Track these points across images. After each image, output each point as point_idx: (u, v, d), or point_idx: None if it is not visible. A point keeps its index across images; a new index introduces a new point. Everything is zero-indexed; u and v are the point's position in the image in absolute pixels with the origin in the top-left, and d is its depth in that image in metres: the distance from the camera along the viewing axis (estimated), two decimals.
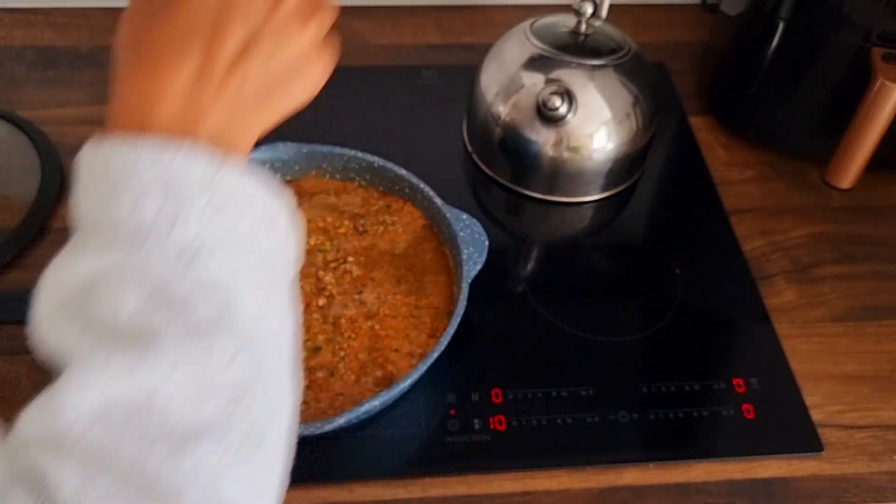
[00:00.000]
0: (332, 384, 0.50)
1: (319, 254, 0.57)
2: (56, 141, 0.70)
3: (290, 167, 0.62)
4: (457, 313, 0.50)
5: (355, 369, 0.51)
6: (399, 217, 0.60)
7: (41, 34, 0.82)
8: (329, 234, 0.59)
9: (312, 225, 0.59)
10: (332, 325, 0.53)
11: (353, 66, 0.81)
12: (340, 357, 0.52)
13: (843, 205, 0.70)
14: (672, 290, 0.61)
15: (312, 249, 0.57)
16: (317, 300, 0.54)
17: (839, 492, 0.51)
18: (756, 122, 0.73)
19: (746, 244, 0.66)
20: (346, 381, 0.50)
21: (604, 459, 0.51)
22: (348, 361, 0.51)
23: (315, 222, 0.59)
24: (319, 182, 0.62)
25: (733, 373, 0.56)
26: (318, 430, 0.45)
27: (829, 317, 0.61)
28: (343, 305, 0.54)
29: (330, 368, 0.51)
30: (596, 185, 0.67)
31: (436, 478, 0.50)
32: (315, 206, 0.61)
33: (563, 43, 0.65)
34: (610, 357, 0.57)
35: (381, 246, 0.58)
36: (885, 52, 0.60)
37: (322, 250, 0.58)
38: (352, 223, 0.60)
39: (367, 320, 0.53)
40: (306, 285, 0.55)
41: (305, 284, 0.55)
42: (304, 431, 0.45)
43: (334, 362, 0.51)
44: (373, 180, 0.62)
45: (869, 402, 0.56)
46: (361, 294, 0.55)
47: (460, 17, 0.89)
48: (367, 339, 0.52)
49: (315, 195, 0.62)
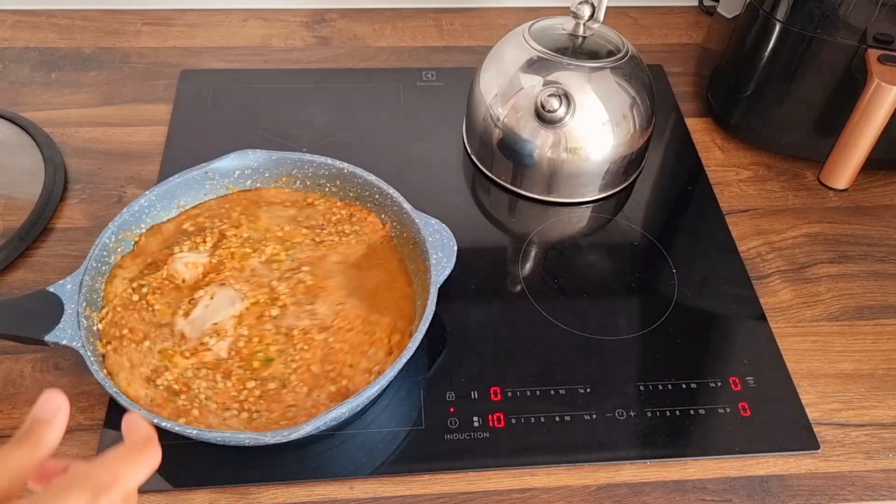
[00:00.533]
0: (284, 396, 0.50)
1: (274, 263, 0.57)
2: (59, 142, 0.71)
3: (260, 174, 0.62)
4: (426, 318, 0.50)
5: (308, 381, 0.50)
6: (360, 227, 0.60)
7: (44, 35, 0.82)
8: (285, 244, 0.58)
9: (270, 234, 0.59)
10: (284, 335, 0.53)
11: (354, 68, 0.82)
12: (293, 369, 0.51)
13: (838, 205, 0.71)
14: (669, 290, 0.62)
15: (268, 259, 0.57)
16: (269, 310, 0.54)
17: (835, 489, 0.52)
18: (752, 124, 0.74)
19: (743, 244, 0.66)
20: (299, 393, 0.50)
21: (602, 457, 0.52)
22: (300, 374, 0.51)
23: (273, 231, 0.59)
24: (281, 192, 0.62)
25: (730, 371, 0.57)
26: (284, 437, 0.45)
27: (825, 316, 0.62)
28: (296, 316, 0.54)
29: (282, 380, 0.50)
30: (594, 185, 0.68)
31: (435, 475, 0.51)
32: (274, 215, 0.60)
33: (561, 45, 0.65)
34: (607, 355, 0.57)
35: (336, 257, 0.58)
36: (880, 54, 0.61)
37: (277, 260, 0.57)
38: (310, 233, 0.59)
39: (320, 332, 0.53)
40: (260, 295, 0.55)
41: (259, 294, 0.55)
42: (271, 440, 0.45)
43: (286, 374, 0.51)
44: (343, 186, 0.61)
45: (864, 401, 0.56)
46: (314, 305, 0.54)
47: (460, 19, 0.89)
48: (319, 351, 0.52)
49: (275, 205, 0.61)
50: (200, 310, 0.53)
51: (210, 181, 0.61)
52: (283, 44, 0.84)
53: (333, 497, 0.50)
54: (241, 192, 0.62)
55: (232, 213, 0.60)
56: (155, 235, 0.59)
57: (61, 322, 0.49)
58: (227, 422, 0.48)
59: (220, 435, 0.46)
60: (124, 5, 0.86)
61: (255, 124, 0.73)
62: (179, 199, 0.60)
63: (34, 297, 0.51)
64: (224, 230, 0.59)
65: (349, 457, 0.51)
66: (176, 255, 0.57)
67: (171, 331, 0.53)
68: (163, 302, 0.54)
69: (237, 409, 0.49)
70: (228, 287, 0.55)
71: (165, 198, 0.59)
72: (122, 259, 0.57)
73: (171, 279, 0.56)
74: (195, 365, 0.51)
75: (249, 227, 0.59)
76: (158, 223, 0.59)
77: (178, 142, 0.71)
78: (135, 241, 0.58)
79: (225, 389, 0.50)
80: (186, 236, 0.58)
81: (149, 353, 0.51)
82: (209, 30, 0.85)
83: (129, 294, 0.55)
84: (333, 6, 0.89)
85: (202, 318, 0.53)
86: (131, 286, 0.55)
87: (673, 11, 0.92)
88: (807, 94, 0.69)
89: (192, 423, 0.48)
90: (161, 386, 0.50)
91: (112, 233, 0.55)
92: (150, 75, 0.79)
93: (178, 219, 0.60)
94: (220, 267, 0.56)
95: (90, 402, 0.53)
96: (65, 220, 0.65)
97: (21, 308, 0.50)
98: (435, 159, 0.72)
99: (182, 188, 0.60)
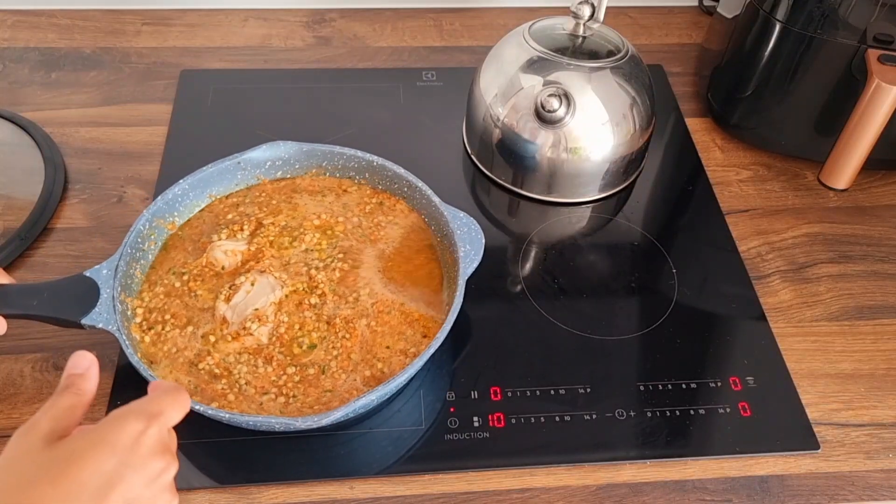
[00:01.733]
0: (322, 381, 0.51)
1: (313, 252, 0.58)
2: (59, 142, 0.71)
3: (291, 165, 0.63)
4: (453, 310, 0.51)
5: (346, 368, 0.52)
6: (392, 216, 0.61)
7: (45, 35, 0.82)
8: (323, 233, 0.59)
9: (307, 223, 0.60)
10: (325, 323, 0.54)
11: (354, 68, 0.82)
12: (333, 356, 0.52)
13: (838, 205, 0.71)
14: (669, 290, 0.62)
15: (307, 249, 0.58)
16: (309, 298, 0.55)
17: (835, 489, 0.52)
18: (752, 124, 0.74)
19: (742, 244, 0.66)
20: (337, 378, 0.51)
21: (602, 457, 0.52)
22: (341, 360, 0.52)
23: (310, 220, 0.60)
24: (316, 181, 0.63)
25: (730, 371, 0.57)
26: (315, 423, 0.46)
27: (825, 316, 0.62)
28: (335, 304, 0.55)
29: (322, 366, 0.52)
30: (594, 185, 0.68)
31: (436, 474, 0.51)
32: (312, 203, 0.61)
33: (561, 45, 0.65)
34: (607, 355, 0.57)
35: (371, 245, 0.59)
36: (880, 54, 0.61)
37: (315, 249, 0.58)
38: (345, 221, 0.60)
39: (360, 318, 0.54)
40: (299, 283, 0.55)
41: (298, 283, 0.56)
42: (302, 425, 0.46)
43: (327, 360, 0.52)
44: (371, 179, 0.62)
45: (864, 401, 0.56)
46: (352, 292, 0.56)
47: (460, 20, 0.89)
48: (360, 338, 0.53)
49: (313, 193, 0.62)
50: (241, 295, 0.54)
51: (242, 171, 0.62)
52: (283, 44, 0.84)
53: (333, 497, 0.50)
54: (274, 181, 0.63)
55: (271, 202, 0.61)
56: (192, 224, 0.60)
57: (97, 306, 0.50)
58: (263, 406, 0.49)
59: (252, 419, 0.46)
60: (124, 5, 0.86)
61: (255, 124, 0.73)
62: (212, 188, 0.61)
63: (73, 280, 0.51)
64: (261, 218, 0.60)
65: (350, 457, 0.51)
66: (215, 243, 0.57)
67: (212, 315, 0.54)
68: (204, 288, 0.55)
69: (275, 393, 0.50)
70: (268, 275, 0.55)
71: (198, 187, 0.60)
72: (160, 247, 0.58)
73: (210, 266, 0.56)
74: (237, 350, 0.52)
75: (289, 214, 0.60)
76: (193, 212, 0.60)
77: (178, 142, 0.71)
78: (170, 229, 0.59)
79: (265, 374, 0.51)
80: (224, 225, 0.59)
81: (192, 337, 0.52)
82: (209, 30, 0.85)
83: (172, 280, 0.56)
84: (333, 6, 0.89)
85: (243, 304, 0.54)
86: (173, 273, 0.56)
87: (673, 11, 0.92)
88: (807, 94, 0.69)
89: (225, 407, 0.49)
90: (203, 370, 0.51)
91: (146, 220, 0.56)
92: (150, 75, 0.79)
93: (214, 206, 0.61)
94: (259, 255, 0.57)
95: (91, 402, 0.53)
96: (65, 220, 0.65)
97: (61, 291, 0.51)
98: (435, 159, 0.72)
99: (215, 177, 0.61)
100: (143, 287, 0.55)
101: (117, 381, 0.54)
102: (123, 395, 0.53)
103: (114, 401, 0.53)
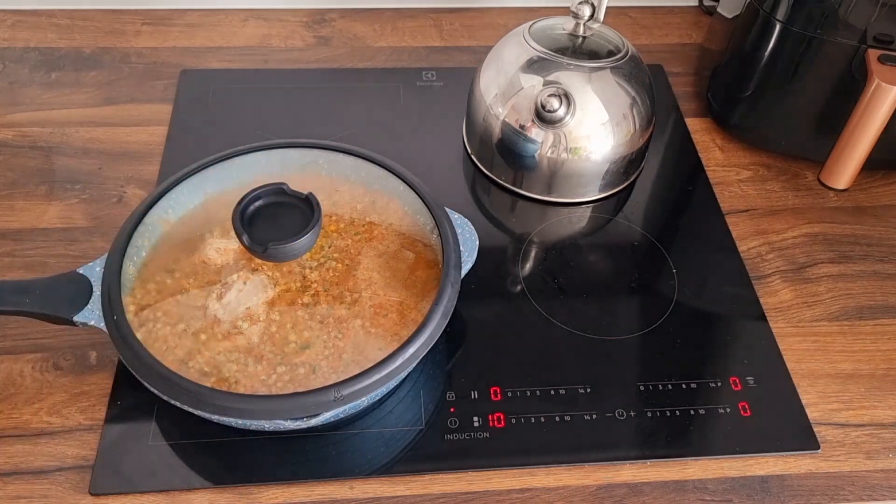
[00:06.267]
0: (313, 381, 0.50)
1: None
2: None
3: (285, 163, 0.62)
4: (446, 313, 0.50)
5: (337, 368, 0.51)
6: (386, 215, 0.60)
7: (44, 35, 0.82)
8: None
9: None
10: (318, 322, 0.53)
11: (354, 68, 0.82)
12: (325, 356, 0.52)
13: (838, 205, 0.71)
14: (669, 290, 0.62)
15: None
16: (301, 297, 0.54)
17: (835, 490, 0.52)
18: (752, 124, 0.74)
19: (743, 244, 0.66)
20: (327, 378, 0.50)
21: (601, 457, 0.52)
22: (331, 360, 0.51)
23: None
24: (309, 179, 0.63)
25: (730, 371, 0.57)
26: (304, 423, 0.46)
27: (825, 316, 0.62)
28: (328, 304, 0.54)
29: (313, 366, 0.51)
30: (594, 185, 0.68)
31: (436, 475, 0.51)
32: None
33: (561, 45, 0.65)
34: (607, 355, 0.57)
35: (366, 245, 0.58)
36: (880, 54, 0.61)
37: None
38: (339, 220, 0.60)
39: (354, 319, 0.54)
40: (292, 283, 0.55)
41: (291, 282, 0.55)
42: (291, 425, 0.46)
43: (318, 360, 0.51)
44: (367, 178, 0.62)
45: (864, 401, 0.56)
46: (346, 293, 0.55)
47: (459, 19, 0.89)
48: (353, 339, 0.53)
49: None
50: (233, 294, 0.54)
51: (237, 169, 0.61)
52: (283, 44, 0.84)
53: (333, 497, 0.50)
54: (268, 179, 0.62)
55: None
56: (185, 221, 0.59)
57: (89, 304, 0.50)
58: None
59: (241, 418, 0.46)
60: (124, 5, 0.86)
61: (255, 124, 0.73)
62: (206, 185, 0.61)
63: (65, 278, 0.51)
64: None
65: (349, 457, 0.51)
66: (207, 241, 0.57)
67: (204, 313, 0.53)
68: (196, 286, 0.55)
69: (264, 392, 0.50)
70: (261, 273, 0.55)
71: (193, 184, 0.60)
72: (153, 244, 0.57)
73: (203, 264, 0.56)
74: (228, 348, 0.52)
75: None
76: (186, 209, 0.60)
77: (178, 142, 0.71)
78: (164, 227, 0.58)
79: (255, 373, 0.51)
80: (218, 223, 0.59)
81: (183, 335, 0.52)
82: (209, 30, 0.85)
83: (164, 278, 0.55)
84: (333, 6, 0.89)
85: (235, 303, 0.54)
86: (166, 271, 0.56)
87: (673, 11, 0.92)
88: (807, 94, 0.69)
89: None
90: (193, 369, 0.50)
91: (140, 216, 0.56)
92: (150, 75, 0.79)
93: (208, 204, 0.60)
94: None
95: (90, 402, 0.53)
96: (65, 220, 0.65)
97: (53, 288, 0.51)
98: (435, 159, 0.72)
99: (210, 175, 0.60)
100: (135, 284, 0.55)
101: (117, 380, 0.54)
102: (123, 394, 0.53)
103: (114, 400, 0.53)
